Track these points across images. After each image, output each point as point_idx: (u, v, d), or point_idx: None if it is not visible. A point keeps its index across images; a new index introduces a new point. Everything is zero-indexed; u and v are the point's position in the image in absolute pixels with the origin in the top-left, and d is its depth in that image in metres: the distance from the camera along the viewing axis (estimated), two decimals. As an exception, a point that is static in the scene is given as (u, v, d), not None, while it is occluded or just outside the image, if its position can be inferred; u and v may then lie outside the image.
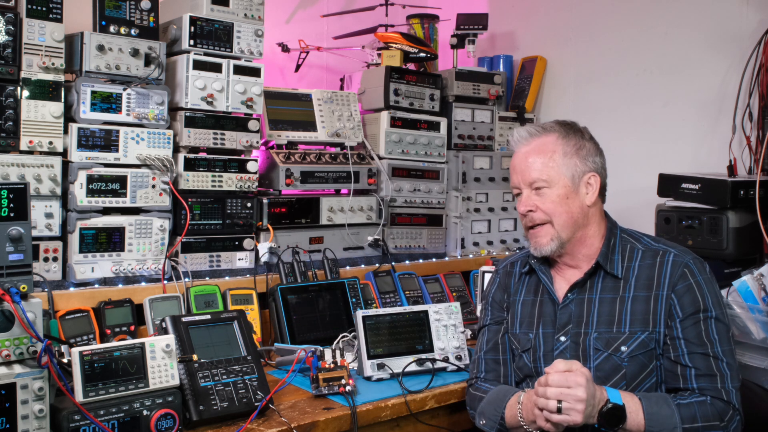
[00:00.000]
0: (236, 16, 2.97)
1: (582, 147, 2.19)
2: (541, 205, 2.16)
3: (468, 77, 3.78)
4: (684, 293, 2.08)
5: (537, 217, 2.17)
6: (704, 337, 2.04)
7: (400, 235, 3.51)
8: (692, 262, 2.13)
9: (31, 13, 2.53)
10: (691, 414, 1.96)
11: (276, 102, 3.26)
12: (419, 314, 2.63)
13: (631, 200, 3.35)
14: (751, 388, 2.38)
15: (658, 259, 2.15)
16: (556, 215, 2.15)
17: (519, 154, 2.22)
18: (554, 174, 2.15)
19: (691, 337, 2.05)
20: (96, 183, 2.68)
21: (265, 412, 2.15)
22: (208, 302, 2.76)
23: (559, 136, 2.19)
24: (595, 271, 2.18)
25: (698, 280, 2.09)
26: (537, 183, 2.16)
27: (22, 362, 1.81)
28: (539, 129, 2.22)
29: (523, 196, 2.20)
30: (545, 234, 2.17)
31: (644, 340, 2.08)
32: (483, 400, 2.22)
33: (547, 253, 2.19)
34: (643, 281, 2.13)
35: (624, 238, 2.23)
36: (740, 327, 2.63)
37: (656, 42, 3.55)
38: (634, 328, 2.09)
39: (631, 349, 2.08)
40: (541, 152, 2.18)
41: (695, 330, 2.05)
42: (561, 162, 2.16)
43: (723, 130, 3.22)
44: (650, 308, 2.10)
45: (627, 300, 2.13)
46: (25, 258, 1.82)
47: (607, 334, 2.11)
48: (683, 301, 2.08)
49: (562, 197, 2.15)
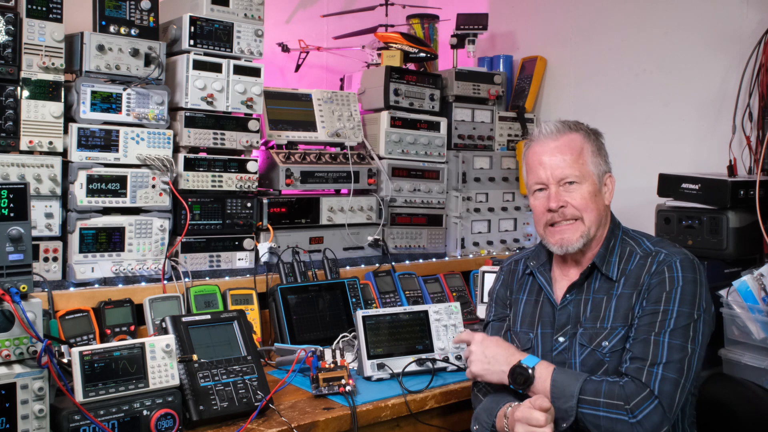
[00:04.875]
0: (236, 16, 2.97)
1: (602, 147, 2.22)
2: (572, 201, 2.13)
3: (468, 77, 3.78)
4: (654, 285, 2.06)
5: (569, 212, 2.14)
6: (657, 326, 2.00)
7: (400, 235, 3.51)
8: (680, 261, 2.08)
9: (31, 13, 2.53)
10: (596, 389, 1.94)
11: (276, 102, 3.26)
12: (419, 314, 2.63)
13: (631, 200, 3.35)
14: (751, 388, 2.38)
15: (648, 259, 2.13)
16: (588, 211, 2.14)
17: (546, 148, 2.17)
18: (585, 171, 2.14)
19: (642, 324, 2.03)
20: (96, 183, 2.68)
21: (265, 412, 2.15)
22: (208, 302, 2.76)
23: (584, 134, 2.19)
24: (591, 272, 2.18)
25: (675, 276, 2.05)
26: (569, 178, 2.13)
27: (22, 362, 1.81)
28: (564, 126, 2.21)
29: (551, 192, 2.15)
30: (575, 230, 2.14)
31: (624, 334, 2.07)
32: (480, 405, 2.23)
33: (574, 250, 2.16)
34: (632, 280, 2.13)
35: (625, 240, 2.22)
36: (740, 327, 2.63)
37: (656, 42, 3.55)
38: (616, 324, 2.09)
39: (612, 344, 2.07)
40: (572, 148, 2.16)
41: (650, 319, 2.02)
42: (589, 160, 2.16)
43: (723, 130, 3.22)
44: (631, 304, 2.09)
45: (614, 297, 2.13)
46: (25, 258, 1.82)
47: (592, 329, 2.11)
48: (651, 293, 2.05)
49: (591, 194, 2.14)
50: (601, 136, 2.25)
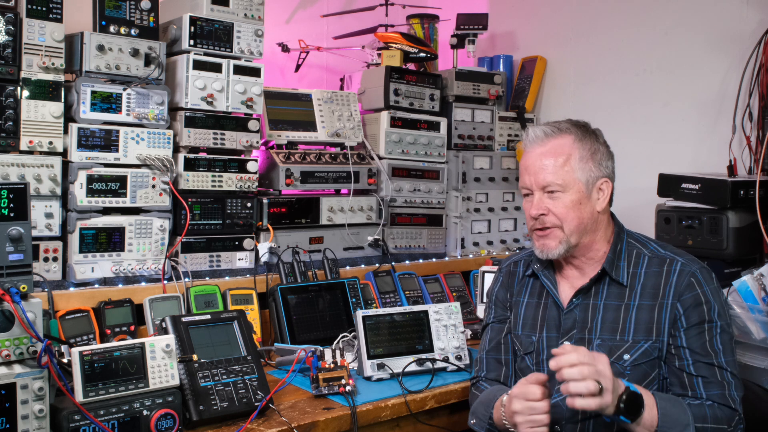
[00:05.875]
0: (236, 16, 2.97)
1: (597, 151, 2.14)
2: (554, 209, 2.11)
3: (468, 77, 3.78)
4: (690, 303, 2.06)
5: (548, 220, 2.12)
6: (708, 347, 2.03)
7: (400, 235, 3.51)
8: (699, 271, 2.10)
9: (31, 13, 2.53)
10: (702, 414, 1.96)
11: (276, 102, 3.26)
12: (419, 314, 2.63)
13: (631, 200, 3.35)
14: (751, 388, 2.38)
15: (665, 267, 2.11)
16: (568, 220, 2.11)
17: (533, 154, 2.14)
18: (569, 178, 2.10)
19: (696, 347, 2.04)
20: (96, 183, 2.68)
21: (265, 412, 2.15)
22: (208, 302, 2.76)
23: (575, 138, 2.13)
24: (600, 277, 2.16)
25: (705, 291, 2.07)
26: (551, 186, 2.10)
27: (22, 362, 1.81)
28: (555, 129, 2.15)
29: (534, 199, 2.14)
30: (554, 237, 2.13)
31: (647, 348, 2.06)
32: (476, 400, 2.22)
33: (554, 256, 2.15)
34: (649, 290, 2.11)
35: (630, 243, 2.20)
36: (740, 327, 2.63)
37: (656, 42, 3.55)
38: (638, 337, 2.07)
39: (634, 357, 2.06)
40: (557, 154, 2.11)
41: (700, 340, 2.04)
42: (577, 166, 2.10)
43: (723, 130, 3.22)
44: (654, 317, 2.08)
45: (632, 308, 2.10)
46: (25, 258, 1.82)
47: (611, 341, 2.09)
48: (689, 312, 2.06)
49: (575, 202, 2.10)
50: (598, 138, 2.18)
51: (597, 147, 2.15)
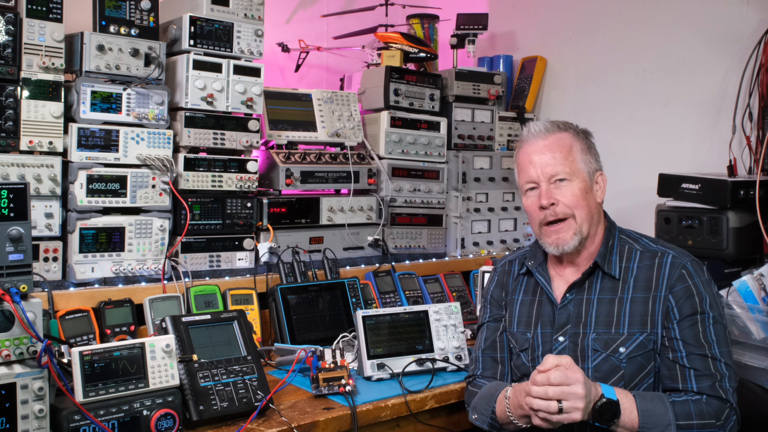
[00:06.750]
0: (236, 16, 2.97)
1: (591, 146, 2.23)
2: (563, 199, 2.13)
3: (468, 77, 3.78)
4: (682, 295, 2.08)
5: (560, 210, 2.14)
6: (702, 338, 2.04)
7: (400, 235, 3.51)
8: (690, 263, 2.13)
9: (31, 13, 2.53)
10: (686, 411, 1.97)
11: (276, 102, 3.26)
12: (419, 314, 2.63)
13: (631, 200, 3.35)
14: (751, 388, 2.38)
15: (656, 260, 2.15)
16: (579, 208, 2.13)
17: (536, 147, 2.19)
18: (575, 168, 2.15)
19: (689, 339, 2.05)
20: (96, 183, 2.68)
21: (265, 412, 2.15)
22: (208, 302, 2.76)
23: (573, 133, 2.21)
24: (592, 272, 2.18)
25: (696, 282, 2.09)
26: (559, 175, 2.14)
27: (22, 362, 1.81)
28: (553, 125, 2.22)
29: (542, 190, 2.15)
30: (568, 228, 2.14)
31: (642, 341, 2.08)
32: (476, 395, 2.23)
33: (570, 249, 2.15)
34: (642, 282, 2.13)
35: (622, 239, 2.23)
36: (740, 327, 2.63)
37: (656, 42, 3.55)
38: (633, 330, 2.09)
39: (629, 350, 2.08)
40: (561, 146, 2.17)
41: (693, 331, 2.05)
42: (579, 157, 2.17)
43: (723, 130, 3.22)
44: (648, 309, 2.10)
45: (626, 301, 2.13)
46: (25, 258, 1.82)
47: (606, 335, 2.11)
48: (681, 303, 2.08)
49: (583, 191, 2.14)
50: (590, 135, 2.26)
51: (591, 143, 2.24)
